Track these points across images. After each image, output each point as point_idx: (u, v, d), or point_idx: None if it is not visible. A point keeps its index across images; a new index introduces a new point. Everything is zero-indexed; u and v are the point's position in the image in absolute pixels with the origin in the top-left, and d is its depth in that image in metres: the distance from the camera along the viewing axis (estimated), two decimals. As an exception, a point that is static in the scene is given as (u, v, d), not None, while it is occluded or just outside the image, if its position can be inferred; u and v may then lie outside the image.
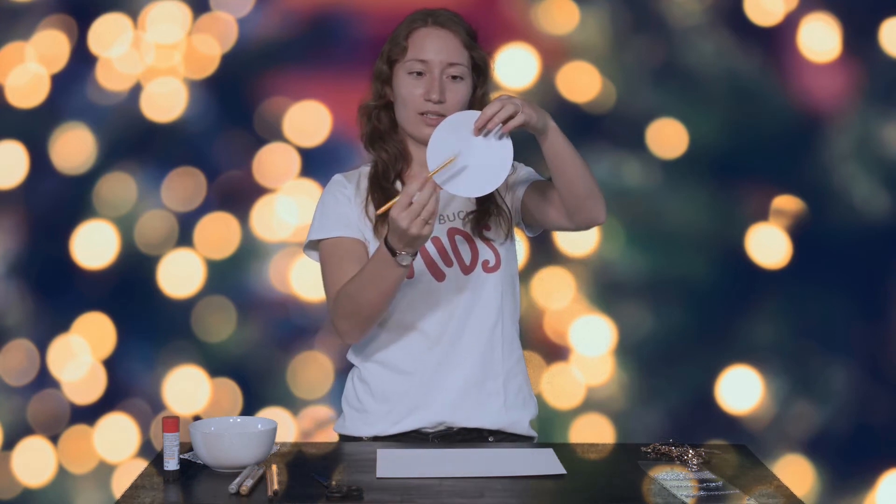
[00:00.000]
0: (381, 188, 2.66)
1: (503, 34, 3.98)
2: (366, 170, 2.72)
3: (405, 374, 2.64)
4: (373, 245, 2.63)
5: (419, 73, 2.63)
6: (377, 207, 2.63)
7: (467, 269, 2.64)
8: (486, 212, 2.67)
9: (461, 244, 2.65)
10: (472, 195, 2.50)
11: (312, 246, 2.69)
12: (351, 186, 2.69)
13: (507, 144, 2.45)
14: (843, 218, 4.04)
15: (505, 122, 2.42)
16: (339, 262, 2.62)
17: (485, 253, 2.65)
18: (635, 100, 4.03)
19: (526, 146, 2.55)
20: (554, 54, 4.02)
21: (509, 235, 2.69)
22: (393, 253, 2.43)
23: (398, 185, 2.69)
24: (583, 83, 4.03)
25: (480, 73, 2.68)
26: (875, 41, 4.03)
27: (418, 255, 2.55)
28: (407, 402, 2.63)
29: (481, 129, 2.43)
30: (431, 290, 2.62)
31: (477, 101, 2.66)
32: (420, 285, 2.62)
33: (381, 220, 2.62)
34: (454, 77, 2.64)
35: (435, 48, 2.63)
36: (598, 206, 2.55)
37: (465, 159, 2.43)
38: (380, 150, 2.70)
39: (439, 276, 2.62)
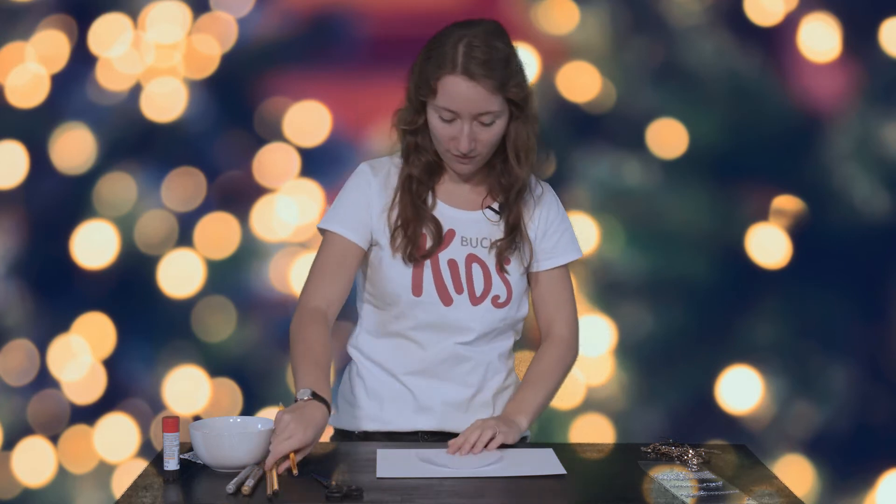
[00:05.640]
0: (414, 205, 2.60)
1: (503, 34, 3.97)
2: (397, 163, 2.65)
3: (399, 379, 2.64)
4: (384, 250, 2.60)
5: (449, 117, 2.53)
6: (404, 219, 2.59)
7: (476, 301, 2.60)
8: (512, 242, 2.63)
9: (476, 273, 2.61)
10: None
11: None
12: (377, 181, 2.63)
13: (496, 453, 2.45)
14: (843, 218, 4.03)
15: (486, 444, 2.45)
16: (322, 262, 2.60)
17: (497, 287, 2.61)
18: (635, 100, 4.02)
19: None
20: (554, 54, 4.02)
21: (525, 271, 2.66)
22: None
23: (429, 198, 2.63)
24: (583, 83, 4.03)
25: (517, 105, 2.55)
26: (875, 41, 4.03)
27: (430, 275, 2.57)
28: (399, 405, 2.63)
29: (458, 450, 2.43)
30: (437, 312, 2.59)
31: (510, 135, 2.57)
32: (426, 305, 2.59)
33: (400, 227, 2.59)
34: (485, 123, 2.53)
35: (463, 99, 2.50)
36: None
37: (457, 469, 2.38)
38: (413, 165, 2.62)
39: (447, 300, 2.59)
